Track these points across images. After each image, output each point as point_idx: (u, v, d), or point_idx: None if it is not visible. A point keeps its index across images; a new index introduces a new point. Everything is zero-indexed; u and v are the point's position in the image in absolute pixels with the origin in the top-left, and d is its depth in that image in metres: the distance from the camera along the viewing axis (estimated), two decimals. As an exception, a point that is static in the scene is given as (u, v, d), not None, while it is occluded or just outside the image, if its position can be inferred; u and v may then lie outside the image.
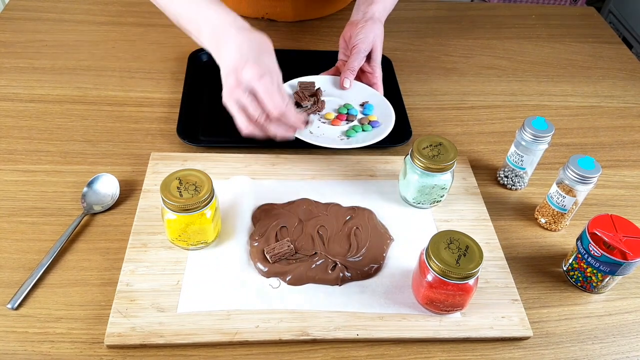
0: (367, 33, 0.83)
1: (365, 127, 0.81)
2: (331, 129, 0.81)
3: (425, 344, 0.61)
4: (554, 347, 0.62)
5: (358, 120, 0.82)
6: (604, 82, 1.03)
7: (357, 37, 0.83)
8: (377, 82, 0.86)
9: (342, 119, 0.82)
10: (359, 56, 0.84)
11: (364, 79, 0.88)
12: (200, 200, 0.60)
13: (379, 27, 0.85)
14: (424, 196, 0.72)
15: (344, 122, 0.82)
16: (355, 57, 0.84)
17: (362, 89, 0.86)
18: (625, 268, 0.63)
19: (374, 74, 0.86)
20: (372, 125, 0.81)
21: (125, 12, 1.08)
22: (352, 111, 0.83)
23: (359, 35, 0.83)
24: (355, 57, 0.84)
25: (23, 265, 0.64)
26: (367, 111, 0.84)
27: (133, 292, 0.61)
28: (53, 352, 0.57)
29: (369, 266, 0.66)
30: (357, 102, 0.85)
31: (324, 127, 0.81)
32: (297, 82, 0.85)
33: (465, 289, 0.59)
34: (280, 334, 0.59)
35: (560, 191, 0.70)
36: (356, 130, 0.80)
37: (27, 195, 0.72)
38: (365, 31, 0.83)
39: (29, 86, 0.89)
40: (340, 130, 0.81)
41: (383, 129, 0.80)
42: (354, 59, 0.84)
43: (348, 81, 0.84)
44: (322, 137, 0.79)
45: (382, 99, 0.85)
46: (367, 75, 0.87)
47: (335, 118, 0.82)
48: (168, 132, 0.83)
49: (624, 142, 0.91)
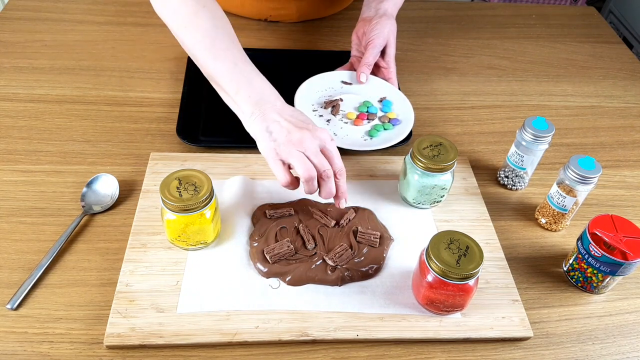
0: (381, 28, 0.85)
1: (386, 125, 0.83)
2: (354, 130, 0.82)
3: (425, 345, 0.61)
4: (554, 347, 0.62)
5: (379, 119, 0.84)
6: (604, 82, 1.03)
7: (372, 32, 0.85)
8: (392, 77, 0.89)
9: (363, 118, 0.83)
10: (374, 51, 0.86)
11: (379, 74, 0.90)
12: (200, 201, 0.60)
13: (392, 23, 0.87)
14: (424, 196, 0.72)
15: (365, 122, 0.83)
16: (370, 52, 0.86)
17: (378, 84, 0.89)
18: (626, 268, 0.63)
19: (389, 68, 0.88)
20: (392, 123, 0.83)
21: (125, 12, 1.08)
22: (372, 109, 0.85)
23: (373, 31, 0.85)
24: (371, 52, 0.86)
25: (22, 266, 0.64)
26: (386, 108, 0.86)
27: (132, 293, 0.61)
28: (52, 352, 0.57)
29: (369, 266, 0.66)
30: (375, 98, 0.87)
31: (347, 128, 0.82)
32: (323, 100, 0.86)
33: (466, 289, 0.59)
34: (280, 334, 0.59)
35: (561, 191, 0.70)
36: (378, 129, 0.82)
37: (26, 196, 0.72)
38: (380, 27, 0.85)
39: (28, 86, 0.89)
40: (363, 131, 0.82)
41: (404, 127, 0.82)
42: (370, 53, 0.86)
43: (365, 75, 0.87)
44: (346, 139, 0.80)
45: (399, 94, 0.87)
46: (382, 70, 0.89)
47: (357, 118, 0.83)
48: (168, 132, 0.83)
49: (624, 142, 0.91)
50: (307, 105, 0.84)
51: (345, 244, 0.67)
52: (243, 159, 0.78)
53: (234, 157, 0.79)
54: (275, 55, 0.99)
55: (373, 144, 0.79)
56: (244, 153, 0.80)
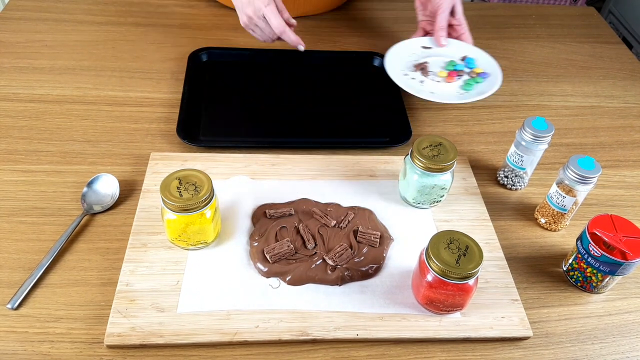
0: None
1: (477, 79, 0.90)
2: (448, 86, 0.89)
3: (425, 344, 0.61)
4: (553, 347, 0.62)
5: (467, 74, 0.91)
6: (604, 82, 1.03)
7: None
8: (464, 32, 0.96)
9: (454, 75, 0.90)
10: (444, 14, 0.93)
11: (452, 32, 0.97)
12: (200, 200, 0.60)
13: None
14: (423, 196, 0.72)
15: (457, 78, 0.90)
16: (441, 16, 0.93)
17: (456, 44, 0.96)
18: (625, 268, 0.63)
19: (461, 25, 0.96)
20: (481, 76, 0.90)
21: (125, 12, 1.08)
22: (458, 67, 0.92)
23: None
24: (442, 16, 0.93)
25: (23, 265, 0.64)
26: (470, 65, 0.93)
27: (133, 292, 0.61)
28: (53, 352, 0.57)
29: (369, 266, 0.66)
30: (457, 57, 0.94)
31: (442, 86, 0.89)
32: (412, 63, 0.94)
33: (465, 289, 0.59)
34: (280, 334, 0.59)
35: (560, 191, 0.70)
36: (470, 83, 0.89)
37: (27, 195, 0.72)
38: None
39: (28, 86, 0.89)
40: (457, 86, 0.89)
41: (494, 79, 0.89)
42: (441, 18, 0.93)
43: (444, 39, 0.94)
44: (444, 95, 0.87)
45: (478, 51, 0.95)
46: (455, 28, 0.97)
47: (447, 75, 0.90)
48: (168, 132, 0.83)
49: (624, 142, 0.91)
50: (398, 71, 0.91)
51: (345, 244, 0.67)
52: (243, 159, 0.79)
53: (234, 157, 0.79)
54: (275, 55, 0.99)
55: (471, 96, 0.86)
56: (244, 153, 0.80)
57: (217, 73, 0.95)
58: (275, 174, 0.77)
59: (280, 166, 0.78)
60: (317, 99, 0.92)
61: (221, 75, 0.94)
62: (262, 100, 0.90)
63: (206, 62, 0.97)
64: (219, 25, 1.07)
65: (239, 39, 1.03)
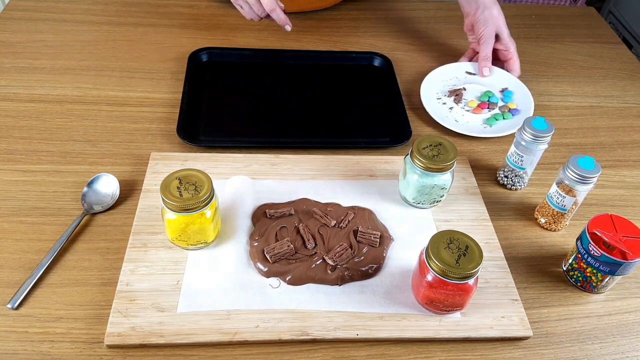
0: (486, 21, 0.93)
1: (505, 115, 0.89)
2: (474, 118, 0.89)
3: (425, 344, 0.61)
4: (553, 347, 0.62)
5: (499, 108, 0.89)
6: (604, 82, 1.03)
7: (479, 27, 0.94)
8: (512, 57, 0.96)
9: (483, 107, 0.90)
10: (488, 43, 0.93)
11: (500, 55, 0.97)
12: (200, 200, 0.60)
13: (495, 9, 0.94)
14: (423, 196, 0.72)
15: (485, 110, 0.90)
16: (485, 45, 0.94)
17: (500, 75, 0.96)
18: (625, 268, 0.63)
19: (509, 49, 0.95)
20: (512, 113, 0.89)
21: (125, 12, 1.08)
22: (493, 99, 0.92)
23: (480, 24, 0.93)
24: (486, 45, 0.94)
25: (23, 265, 0.64)
26: (507, 98, 0.92)
27: (133, 292, 0.61)
28: (53, 352, 0.57)
29: (369, 266, 0.66)
30: (497, 88, 0.94)
31: (468, 116, 0.89)
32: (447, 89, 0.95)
33: (465, 288, 0.59)
34: (280, 333, 0.59)
35: (560, 191, 0.70)
36: (497, 118, 0.88)
37: (27, 195, 0.72)
38: (484, 19, 0.93)
39: (29, 86, 0.89)
40: (482, 119, 0.89)
41: (522, 118, 0.88)
42: (485, 47, 0.94)
43: (487, 69, 0.95)
44: (466, 126, 0.87)
45: (521, 86, 0.94)
46: (502, 52, 0.96)
47: (477, 107, 0.90)
48: (168, 132, 0.83)
49: (623, 142, 0.91)
50: (432, 93, 0.91)
51: (345, 244, 0.67)
52: (243, 159, 0.79)
53: (234, 157, 0.79)
54: (275, 55, 0.99)
55: (487, 132, 0.86)
56: (244, 153, 0.80)
57: (217, 73, 0.95)
58: (275, 174, 0.77)
59: (280, 166, 0.78)
60: (317, 99, 0.92)
61: (221, 75, 0.94)
62: (262, 100, 0.90)
63: (206, 62, 0.97)
64: (219, 25, 1.07)
65: (239, 39, 1.03)
